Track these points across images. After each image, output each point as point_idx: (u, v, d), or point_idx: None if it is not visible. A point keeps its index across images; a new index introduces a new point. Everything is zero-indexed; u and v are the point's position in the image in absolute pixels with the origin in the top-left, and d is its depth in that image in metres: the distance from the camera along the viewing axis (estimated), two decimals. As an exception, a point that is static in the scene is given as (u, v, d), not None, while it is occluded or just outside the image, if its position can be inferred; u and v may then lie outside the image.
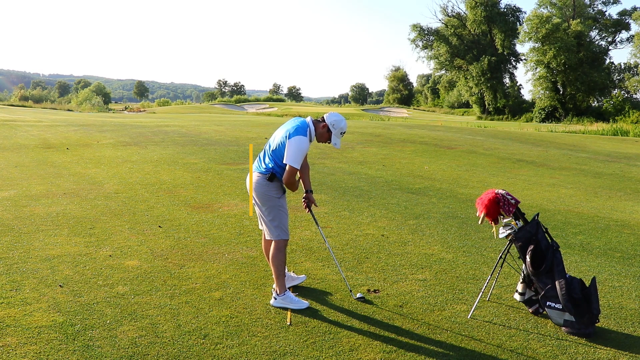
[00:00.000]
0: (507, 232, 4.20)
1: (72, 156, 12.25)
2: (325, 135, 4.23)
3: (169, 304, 4.15)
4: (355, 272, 5.01)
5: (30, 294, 4.24)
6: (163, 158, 12.19)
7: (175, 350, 3.43)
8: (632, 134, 28.06)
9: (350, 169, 11.68)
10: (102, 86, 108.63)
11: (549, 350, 3.60)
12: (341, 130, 4.23)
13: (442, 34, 63.69)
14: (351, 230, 6.52)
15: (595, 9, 57.39)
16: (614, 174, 12.54)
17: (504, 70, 63.45)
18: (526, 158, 14.89)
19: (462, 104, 77.18)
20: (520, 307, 4.31)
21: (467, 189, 9.81)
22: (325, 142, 4.28)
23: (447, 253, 5.70)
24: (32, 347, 3.40)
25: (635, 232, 6.88)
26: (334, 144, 4.24)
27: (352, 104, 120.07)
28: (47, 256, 5.18)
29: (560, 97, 54.23)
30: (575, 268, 5.31)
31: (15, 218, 6.59)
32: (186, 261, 5.18)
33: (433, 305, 4.30)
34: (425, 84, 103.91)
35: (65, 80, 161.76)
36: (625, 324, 4.06)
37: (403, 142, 17.18)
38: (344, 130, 4.26)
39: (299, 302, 4.18)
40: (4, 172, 9.95)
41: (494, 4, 60.70)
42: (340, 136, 4.24)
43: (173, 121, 24.39)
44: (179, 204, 7.63)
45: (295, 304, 4.16)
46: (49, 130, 17.87)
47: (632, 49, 52.48)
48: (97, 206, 7.36)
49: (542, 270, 4.03)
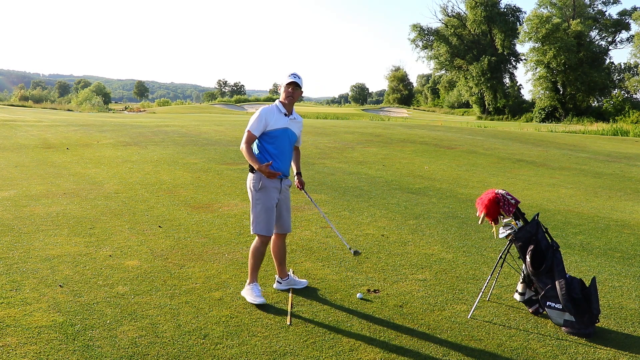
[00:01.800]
0: (507, 232, 4.20)
1: (72, 156, 12.24)
2: (284, 91, 4.29)
3: (169, 304, 4.15)
4: (355, 272, 5.01)
5: (30, 294, 4.24)
6: (163, 158, 12.19)
7: (175, 350, 3.43)
8: (632, 134, 28.07)
9: (350, 169, 11.68)
10: (102, 86, 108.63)
11: (549, 350, 3.60)
12: (287, 78, 4.28)
13: (442, 34, 63.70)
14: (351, 230, 6.52)
15: (595, 9, 57.42)
16: (614, 174, 12.54)
17: (504, 70, 63.48)
18: (526, 158, 14.89)
19: (462, 104, 77.18)
20: (520, 307, 4.31)
21: (467, 189, 9.81)
22: (292, 97, 4.29)
23: (447, 253, 5.70)
24: (32, 347, 3.40)
25: (635, 232, 6.88)
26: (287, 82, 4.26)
27: (352, 104, 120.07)
28: (47, 256, 5.18)
29: (560, 97, 54.24)
30: (575, 268, 5.31)
31: (15, 218, 6.59)
32: (186, 261, 5.18)
33: (433, 305, 4.30)
34: (425, 84, 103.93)
35: (65, 80, 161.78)
36: (625, 324, 4.05)
37: (403, 142, 17.18)
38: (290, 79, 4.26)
39: (257, 298, 4.19)
40: (4, 172, 9.95)
41: (494, 4, 60.71)
42: (288, 79, 4.26)
43: (173, 121, 24.39)
44: (179, 204, 7.63)
45: (251, 298, 4.20)
46: (49, 130, 17.87)
47: (632, 49, 52.51)
48: (97, 206, 7.36)
49: (542, 270, 4.03)
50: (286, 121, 4.30)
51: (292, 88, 4.27)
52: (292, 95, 4.29)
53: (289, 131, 4.32)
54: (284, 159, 4.32)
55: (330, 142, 16.40)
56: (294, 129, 4.37)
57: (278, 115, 4.27)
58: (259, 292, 4.25)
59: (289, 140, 4.33)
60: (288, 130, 4.32)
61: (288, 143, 4.34)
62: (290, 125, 4.33)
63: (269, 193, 4.24)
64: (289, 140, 4.34)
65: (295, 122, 4.40)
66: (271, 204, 4.25)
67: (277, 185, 4.28)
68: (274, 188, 4.26)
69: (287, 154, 4.36)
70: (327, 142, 16.37)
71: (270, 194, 4.25)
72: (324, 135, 18.19)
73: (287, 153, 4.36)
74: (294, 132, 4.38)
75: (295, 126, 4.40)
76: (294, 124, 4.39)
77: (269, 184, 4.23)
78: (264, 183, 4.22)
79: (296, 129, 4.42)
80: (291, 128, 4.34)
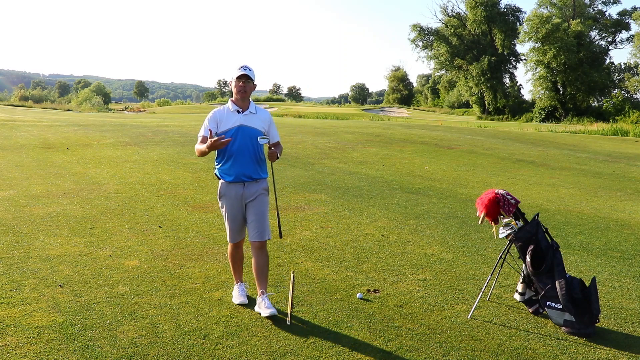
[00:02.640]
0: (507, 232, 4.21)
1: (72, 156, 12.24)
2: (235, 86, 4.00)
3: (169, 304, 4.15)
4: (355, 272, 5.01)
5: (30, 294, 4.24)
6: (163, 158, 12.19)
7: (175, 350, 3.43)
8: (632, 134, 28.06)
9: (350, 169, 11.68)
10: (102, 86, 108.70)
11: (549, 350, 3.60)
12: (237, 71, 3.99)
13: (442, 34, 63.71)
14: (351, 230, 6.52)
15: (595, 9, 57.44)
16: (614, 174, 12.54)
17: (504, 70, 63.49)
18: (526, 158, 14.89)
19: (462, 104, 77.17)
20: (520, 307, 4.31)
21: (467, 189, 9.81)
22: (245, 92, 3.99)
23: (447, 253, 5.70)
24: (32, 347, 3.40)
25: (635, 232, 6.88)
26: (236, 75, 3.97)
27: (352, 104, 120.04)
28: (47, 256, 5.18)
29: (560, 97, 54.24)
30: (575, 268, 5.31)
31: (15, 218, 6.59)
32: (186, 261, 5.18)
33: (433, 305, 4.30)
34: (425, 84, 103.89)
35: (65, 80, 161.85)
36: (625, 324, 4.05)
37: (403, 142, 17.18)
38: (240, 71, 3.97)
39: (238, 297, 4.21)
40: (4, 172, 9.95)
41: (494, 4, 60.71)
42: (238, 72, 3.97)
43: (173, 121, 24.39)
44: (179, 204, 7.63)
45: (234, 298, 4.24)
46: (49, 130, 17.87)
47: (632, 49, 52.56)
48: (97, 206, 7.36)
49: (542, 270, 4.03)
50: (238, 118, 3.99)
51: (243, 82, 3.97)
52: (244, 89, 3.98)
53: (243, 128, 3.98)
54: (244, 159, 3.98)
55: (330, 142, 16.40)
56: (252, 124, 4.00)
57: (228, 114, 4.01)
58: (242, 292, 4.25)
59: (247, 137, 3.98)
60: (243, 127, 3.98)
61: (247, 141, 3.98)
62: (245, 121, 3.99)
63: (229, 201, 4.05)
64: (248, 138, 3.98)
65: (253, 116, 4.05)
66: (233, 213, 4.06)
67: (238, 192, 4.02)
68: (234, 196, 4.03)
69: (248, 154, 4.00)
70: (327, 142, 16.37)
71: (230, 202, 4.05)
72: (324, 135, 18.18)
73: (248, 152, 4.00)
74: (252, 128, 4.00)
75: (254, 121, 4.03)
76: (253, 118, 4.04)
77: (227, 192, 4.04)
78: (222, 191, 4.07)
79: (257, 124, 4.04)
80: (247, 124, 3.99)
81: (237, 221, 4.10)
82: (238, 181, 4.01)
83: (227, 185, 4.05)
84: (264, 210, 4.09)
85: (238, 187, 4.02)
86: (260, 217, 4.05)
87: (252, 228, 4.05)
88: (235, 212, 4.06)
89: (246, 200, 4.05)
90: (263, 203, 4.10)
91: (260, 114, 4.12)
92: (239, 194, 4.03)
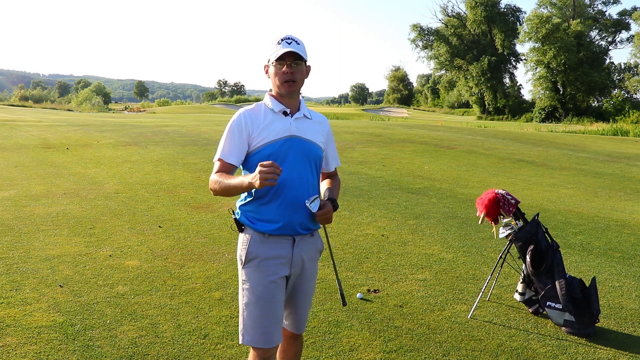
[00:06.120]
0: (507, 232, 4.21)
1: (72, 156, 12.24)
2: (275, 74, 2.33)
3: (169, 304, 4.15)
4: (355, 272, 5.01)
5: (30, 294, 4.24)
6: (163, 158, 12.19)
7: (175, 350, 3.43)
8: (632, 134, 28.06)
9: (350, 169, 11.68)
10: (102, 86, 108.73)
11: (549, 350, 3.60)
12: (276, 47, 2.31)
13: (442, 34, 63.72)
14: (351, 230, 6.52)
15: (595, 9, 57.46)
16: (614, 174, 12.54)
17: (504, 70, 63.52)
18: (526, 158, 14.89)
19: (462, 104, 77.19)
20: (520, 307, 4.31)
21: (467, 189, 9.81)
22: (294, 80, 2.32)
23: (447, 253, 5.70)
24: (32, 347, 3.40)
25: (635, 232, 6.88)
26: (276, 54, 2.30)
27: (352, 104, 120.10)
28: (47, 256, 5.18)
29: (560, 97, 54.25)
30: (575, 268, 5.31)
31: (15, 218, 6.59)
32: (186, 261, 5.18)
33: (433, 305, 4.30)
34: (425, 84, 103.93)
35: (65, 80, 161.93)
36: (625, 324, 4.05)
37: (403, 142, 17.18)
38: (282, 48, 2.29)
39: None
40: (4, 172, 9.95)
41: (494, 4, 60.73)
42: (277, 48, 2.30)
43: (173, 121, 24.39)
44: (179, 204, 7.63)
45: None
46: (49, 130, 17.87)
47: (632, 49, 52.58)
48: (97, 206, 7.36)
49: (542, 270, 4.03)
50: (287, 125, 2.36)
51: (289, 64, 2.30)
52: (293, 78, 2.32)
53: (296, 141, 2.36)
54: (297, 193, 2.34)
55: (330, 142, 16.39)
56: (307, 136, 2.40)
57: (269, 117, 2.37)
58: None
59: (303, 156, 2.37)
60: (295, 140, 2.36)
61: (300, 162, 2.36)
62: (296, 130, 2.37)
63: (266, 269, 2.33)
64: (302, 157, 2.37)
65: (309, 123, 2.45)
66: (269, 291, 2.31)
67: (283, 254, 2.35)
68: (277, 259, 2.35)
69: (302, 184, 2.36)
70: (327, 142, 16.36)
71: (268, 270, 2.33)
72: (324, 135, 18.16)
73: (302, 181, 2.36)
74: (308, 141, 2.40)
75: (310, 131, 2.43)
76: (308, 126, 2.44)
77: (265, 253, 2.33)
78: (252, 250, 2.34)
79: (314, 135, 2.45)
80: (301, 135, 2.38)
81: (277, 308, 2.35)
82: (286, 233, 2.36)
83: (265, 240, 2.34)
84: (313, 291, 2.57)
85: (285, 244, 2.36)
86: (308, 303, 2.55)
87: (298, 316, 2.54)
88: (271, 289, 2.33)
89: (289, 269, 2.38)
90: (314, 275, 2.54)
91: (317, 118, 2.52)
92: (285, 258, 2.36)
